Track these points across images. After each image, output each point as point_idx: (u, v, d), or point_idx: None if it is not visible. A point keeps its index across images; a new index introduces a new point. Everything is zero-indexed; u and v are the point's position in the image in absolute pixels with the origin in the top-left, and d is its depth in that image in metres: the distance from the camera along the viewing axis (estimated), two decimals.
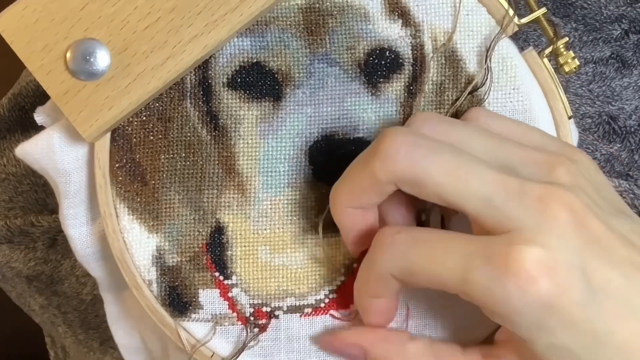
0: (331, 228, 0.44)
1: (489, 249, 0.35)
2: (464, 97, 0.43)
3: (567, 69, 0.43)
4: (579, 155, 0.39)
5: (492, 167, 0.36)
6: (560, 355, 0.36)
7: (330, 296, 0.44)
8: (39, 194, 0.66)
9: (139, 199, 0.44)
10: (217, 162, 0.44)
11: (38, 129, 0.45)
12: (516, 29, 0.43)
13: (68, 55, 0.41)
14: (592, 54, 0.54)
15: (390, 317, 0.42)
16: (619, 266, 0.35)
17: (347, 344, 0.42)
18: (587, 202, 0.36)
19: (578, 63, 0.43)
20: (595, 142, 0.54)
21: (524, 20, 0.43)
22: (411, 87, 0.44)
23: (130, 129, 0.43)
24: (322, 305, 0.44)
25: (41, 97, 0.64)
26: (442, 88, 0.44)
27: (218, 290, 0.44)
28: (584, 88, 0.54)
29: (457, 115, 0.43)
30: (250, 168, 0.44)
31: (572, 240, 0.35)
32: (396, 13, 0.43)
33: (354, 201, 0.39)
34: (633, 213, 0.39)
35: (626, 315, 0.35)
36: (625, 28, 0.54)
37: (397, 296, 0.41)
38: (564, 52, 0.43)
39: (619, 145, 0.54)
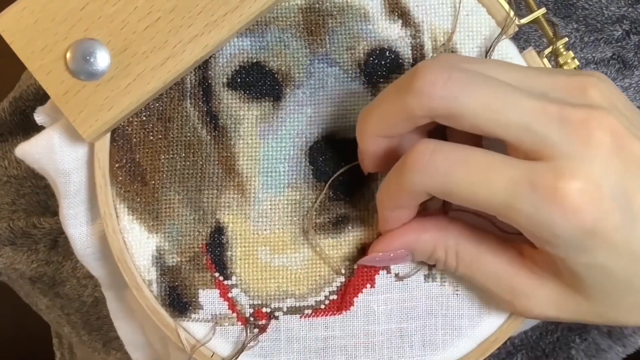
0: (330, 229, 0.44)
1: (535, 176, 0.35)
2: None
3: (566, 69, 0.43)
4: (602, 75, 0.39)
5: (529, 96, 0.36)
6: (597, 272, 0.37)
7: (331, 297, 0.44)
8: (41, 196, 0.67)
9: (138, 199, 0.44)
10: (217, 162, 0.44)
11: (39, 131, 0.45)
12: (516, 29, 0.43)
13: (68, 55, 0.41)
14: (594, 54, 0.54)
15: (408, 219, 0.42)
16: None
17: (393, 249, 0.42)
18: (625, 122, 0.36)
19: (578, 63, 0.43)
20: None
21: (524, 20, 0.43)
22: None
23: (130, 129, 0.44)
24: (322, 306, 0.44)
25: (42, 100, 0.65)
26: None
27: (218, 291, 0.44)
28: None
29: None
30: (250, 168, 0.44)
31: (614, 166, 0.35)
32: (396, 13, 0.43)
33: (383, 131, 0.39)
34: None
35: None
36: (627, 29, 0.54)
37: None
38: (564, 53, 0.43)
39: None
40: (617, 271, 0.37)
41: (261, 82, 0.43)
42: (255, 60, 0.43)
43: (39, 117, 0.44)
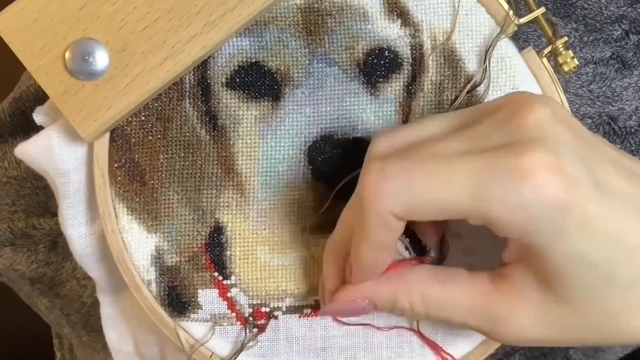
0: (329, 228, 0.44)
1: (496, 161, 0.34)
2: (462, 96, 0.43)
3: (566, 68, 0.43)
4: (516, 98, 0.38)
5: (466, 154, 0.35)
6: (576, 264, 0.35)
7: None
8: (40, 197, 0.67)
9: (137, 199, 0.44)
10: (216, 162, 0.44)
11: (39, 131, 0.45)
12: (515, 28, 0.43)
13: (67, 55, 0.41)
14: (593, 54, 0.54)
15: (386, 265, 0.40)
16: (614, 166, 0.36)
17: (352, 301, 0.40)
18: (561, 112, 0.36)
19: (577, 62, 0.43)
20: None
21: (523, 20, 0.43)
22: (410, 87, 0.44)
23: (129, 128, 0.44)
24: None
25: (42, 100, 0.65)
26: (441, 88, 0.44)
27: (217, 290, 0.44)
28: (584, 88, 0.54)
29: None
30: (249, 168, 0.44)
31: (569, 141, 0.35)
32: (395, 13, 0.43)
33: (375, 260, 0.38)
34: None
35: (634, 214, 0.35)
36: (626, 28, 0.54)
37: (394, 247, 0.39)
38: (563, 52, 0.43)
39: (619, 146, 0.54)
40: (597, 259, 0.35)
41: (260, 82, 0.43)
42: (254, 60, 0.43)
43: (38, 117, 0.44)
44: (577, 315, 0.37)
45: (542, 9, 0.43)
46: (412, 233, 0.43)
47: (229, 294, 0.44)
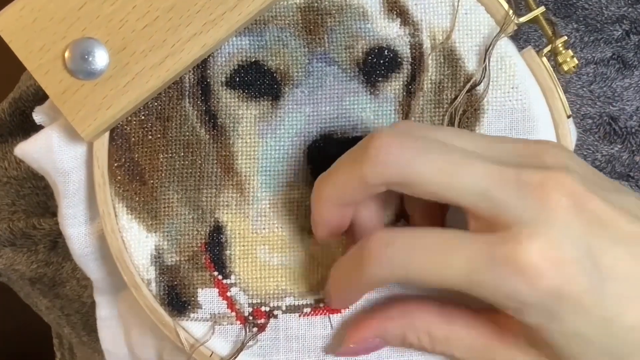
0: None
1: (493, 249, 0.34)
2: (461, 96, 0.43)
3: (565, 67, 0.43)
4: (555, 142, 0.39)
5: (484, 160, 0.36)
6: (572, 340, 0.36)
7: None
8: (40, 197, 0.67)
9: (137, 198, 0.44)
10: (216, 161, 0.44)
11: (39, 131, 0.45)
12: (515, 28, 0.43)
13: (66, 54, 0.41)
14: (593, 54, 0.54)
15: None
16: (626, 244, 0.35)
17: (365, 340, 0.42)
18: (585, 182, 0.35)
19: (577, 62, 0.43)
20: (595, 143, 0.54)
21: (523, 19, 0.43)
22: (410, 86, 0.44)
23: (128, 128, 0.44)
24: (321, 305, 0.44)
25: (42, 100, 0.65)
26: (440, 87, 0.44)
27: (217, 290, 0.44)
28: (584, 89, 0.54)
29: (454, 114, 0.43)
30: (249, 167, 0.44)
31: (575, 227, 0.35)
32: (395, 12, 0.43)
33: (339, 199, 0.39)
34: (630, 189, 0.39)
35: (636, 296, 0.35)
36: (627, 29, 0.54)
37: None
38: (563, 51, 0.43)
39: (619, 146, 0.54)
40: (594, 338, 0.35)
41: (260, 81, 0.43)
42: (253, 59, 0.43)
43: (37, 116, 0.44)
44: None
45: (542, 8, 0.43)
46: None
47: (228, 293, 0.44)
